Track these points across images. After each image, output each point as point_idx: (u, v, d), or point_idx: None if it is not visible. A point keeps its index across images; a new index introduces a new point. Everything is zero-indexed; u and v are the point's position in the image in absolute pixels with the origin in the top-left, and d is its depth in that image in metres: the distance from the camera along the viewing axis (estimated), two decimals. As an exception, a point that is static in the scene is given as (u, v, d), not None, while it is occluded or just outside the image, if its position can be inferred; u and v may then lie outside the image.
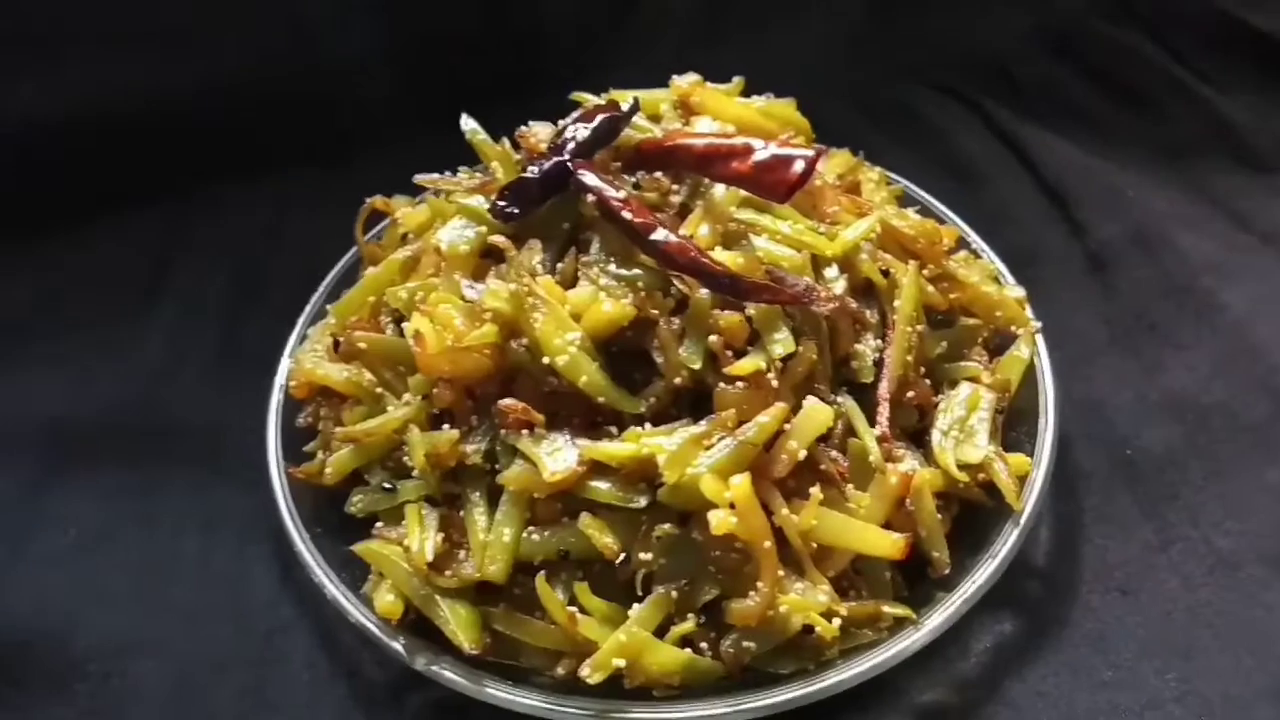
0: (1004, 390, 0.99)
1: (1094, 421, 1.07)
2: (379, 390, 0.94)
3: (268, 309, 1.20)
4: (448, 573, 0.87)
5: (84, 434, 1.10)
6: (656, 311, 0.87)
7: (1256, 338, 1.09)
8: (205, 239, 1.33)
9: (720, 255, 0.90)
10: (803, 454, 0.85)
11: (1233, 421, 1.04)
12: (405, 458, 0.90)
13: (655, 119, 1.04)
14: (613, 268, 0.90)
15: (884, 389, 0.92)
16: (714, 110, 1.03)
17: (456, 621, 0.85)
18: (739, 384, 0.86)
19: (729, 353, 0.87)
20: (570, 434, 0.86)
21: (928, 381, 0.96)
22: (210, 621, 0.95)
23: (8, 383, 1.16)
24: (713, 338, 0.86)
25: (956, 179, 1.30)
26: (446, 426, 0.88)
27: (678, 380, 0.86)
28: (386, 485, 0.92)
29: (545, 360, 0.85)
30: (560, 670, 0.84)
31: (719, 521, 0.80)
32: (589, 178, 0.90)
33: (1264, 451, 1.01)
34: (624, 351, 0.89)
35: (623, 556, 0.84)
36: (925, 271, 1.01)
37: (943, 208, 1.16)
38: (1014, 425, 0.99)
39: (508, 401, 0.85)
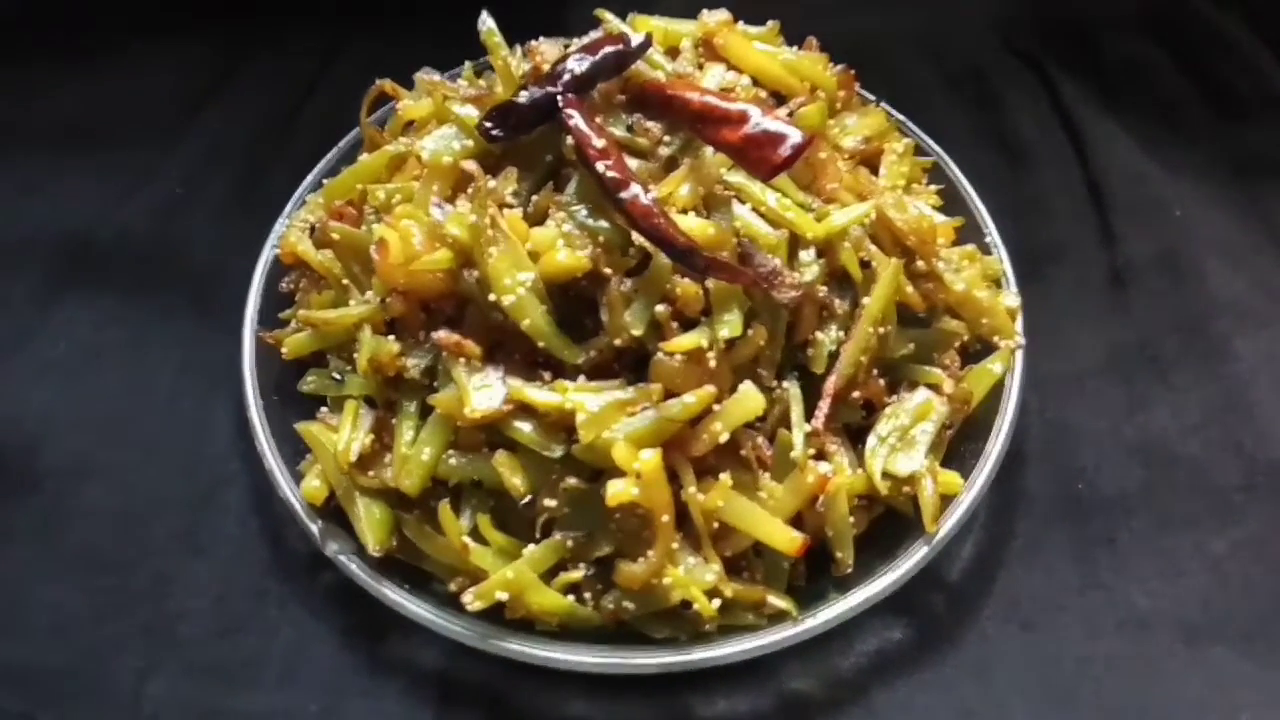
0: (964, 402, 0.97)
1: (1059, 445, 1.05)
2: (345, 282, 0.97)
3: (293, 159, 1.22)
4: (370, 473, 0.91)
5: (94, 254, 1.16)
6: (610, 270, 0.87)
7: (1255, 397, 1.04)
8: (248, 79, 1.34)
9: (692, 222, 0.88)
10: (725, 437, 0.86)
11: (1198, 480, 1.01)
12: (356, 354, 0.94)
13: (674, 53, 1.00)
14: (581, 214, 0.89)
15: (830, 383, 0.91)
16: (736, 55, 0.99)
17: (368, 520, 0.90)
18: (678, 356, 0.86)
19: (675, 324, 0.87)
20: (506, 371, 0.88)
21: (882, 381, 0.95)
22: (164, 460, 1.02)
23: (35, 193, 1.21)
24: (660, 308, 0.86)
25: (1005, 156, 1.23)
26: (391, 338, 0.91)
27: (618, 341, 0.87)
28: (336, 375, 0.96)
29: (492, 297, 0.86)
30: (453, 587, 0.89)
31: (615, 493, 0.82)
32: (573, 117, 0.88)
33: (1217, 519, 0.98)
34: (581, 296, 0.90)
35: (529, 499, 0.87)
36: (918, 264, 0.98)
37: (970, 190, 1.11)
38: (971, 438, 0.97)
39: (442, 334, 0.86)
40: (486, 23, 1.00)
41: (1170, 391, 1.06)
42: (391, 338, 0.91)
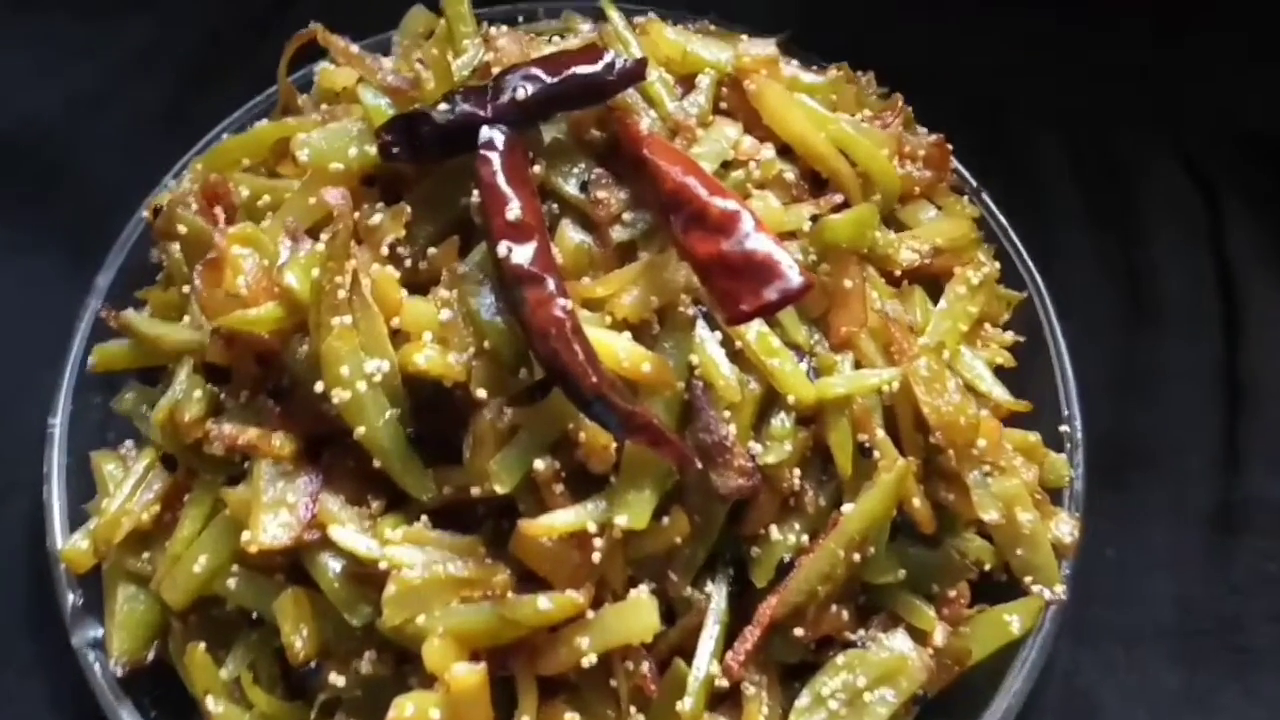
0: (956, 662, 0.70)
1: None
2: (186, 289, 0.73)
3: (244, 82, 0.97)
4: (145, 555, 0.69)
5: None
6: (485, 393, 0.61)
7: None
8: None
9: (625, 346, 0.62)
10: (592, 660, 0.61)
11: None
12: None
13: (688, 84, 0.72)
14: (479, 296, 0.63)
15: (766, 608, 0.65)
16: (769, 111, 0.70)
17: (125, 619, 0.69)
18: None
19: (559, 488, 0.61)
20: (325, 482, 0.64)
21: (845, 614, 0.68)
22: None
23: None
24: (541, 463, 0.61)
25: (1131, 306, 0.91)
26: (197, 393, 0.67)
27: (476, 491, 0.62)
28: (146, 409, 0.73)
29: (319, 386, 0.62)
30: (198, 726, 0.68)
31: (398, 716, 0.58)
32: (490, 164, 0.61)
33: None
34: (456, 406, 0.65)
35: (315, 665, 0.64)
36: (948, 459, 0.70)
37: (1063, 351, 0.80)
38: (948, 708, 0.70)
39: (229, 429, 0.62)
40: (458, -14, 0.73)
41: (1244, 698, 0.77)
42: (197, 393, 0.67)
